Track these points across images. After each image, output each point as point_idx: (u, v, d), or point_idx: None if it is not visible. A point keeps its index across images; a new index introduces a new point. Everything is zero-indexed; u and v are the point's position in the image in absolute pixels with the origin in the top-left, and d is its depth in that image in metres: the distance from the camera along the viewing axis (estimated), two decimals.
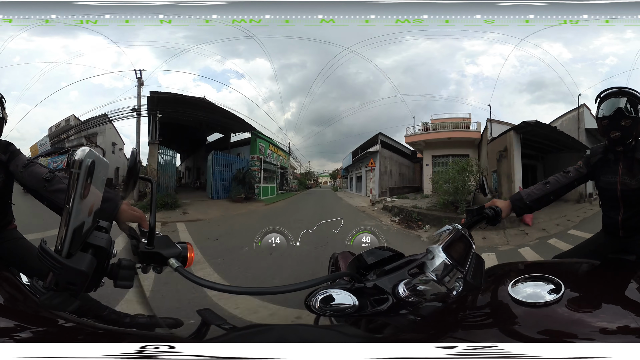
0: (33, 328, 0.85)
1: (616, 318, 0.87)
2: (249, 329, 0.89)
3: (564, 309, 0.87)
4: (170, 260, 0.98)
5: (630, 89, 1.68)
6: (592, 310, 0.90)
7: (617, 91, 1.68)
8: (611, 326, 0.83)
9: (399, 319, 0.95)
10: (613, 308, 0.92)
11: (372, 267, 1.08)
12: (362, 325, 1.01)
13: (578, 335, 0.81)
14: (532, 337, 0.81)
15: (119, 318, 1.18)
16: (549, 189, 1.81)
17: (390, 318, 0.96)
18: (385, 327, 1.01)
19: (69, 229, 0.76)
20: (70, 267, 0.77)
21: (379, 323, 1.01)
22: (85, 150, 0.76)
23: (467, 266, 1.02)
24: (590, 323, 0.86)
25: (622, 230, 1.78)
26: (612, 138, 1.71)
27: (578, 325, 0.85)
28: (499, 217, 1.59)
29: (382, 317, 0.97)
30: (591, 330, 0.82)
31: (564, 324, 0.85)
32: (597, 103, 1.75)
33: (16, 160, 1.62)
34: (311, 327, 0.97)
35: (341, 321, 1.05)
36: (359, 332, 0.97)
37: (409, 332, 0.94)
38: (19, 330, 0.83)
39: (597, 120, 1.76)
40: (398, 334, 0.95)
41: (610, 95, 1.69)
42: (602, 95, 1.73)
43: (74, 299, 0.82)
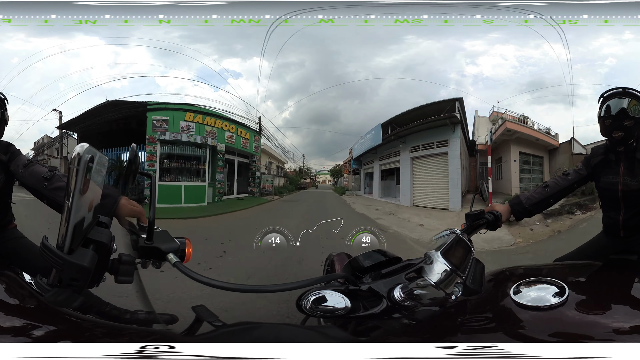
0: (38, 326, 0.85)
1: (626, 318, 0.86)
2: (237, 326, 0.89)
3: (573, 311, 0.86)
4: (169, 256, 0.98)
5: (633, 89, 1.68)
6: (601, 311, 0.89)
7: (620, 91, 1.69)
8: (623, 327, 0.82)
9: (391, 322, 0.94)
10: (622, 308, 0.91)
11: (368, 270, 1.07)
12: (350, 328, 1.00)
13: (593, 336, 0.80)
14: (542, 340, 0.80)
15: (120, 314, 1.18)
16: (548, 192, 1.81)
17: (381, 321, 0.95)
18: (375, 330, 1.00)
19: (69, 225, 0.76)
20: (72, 262, 0.77)
21: (368, 326, 1.00)
22: (84, 146, 0.76)
23: (466, 271, 1.02)
24: (601, 324, 0.85)
25: (622, 231, 1.78)
26: (614, 138, 1.71)
27: (585, 327, 0.84)
28: (499, 221, 1.59)
29: (373, 320, 0.96)
30: (604, 331, 0.81)
31: (574, 325, 0.85)
32: (600, 103, 1.75)
33: (17, 160, 1.64)
34: (295, 327, 0.96)
35: (329, 322, 1.04)
36: (344, 333, 0.96)
37: (400, 335, 0.93)
38: (23, 328, 0.84)
39: (600, 119, 1.76)
40: (387, 336, 0.94)
41: (614, 95, 1.70)
42: (605, 95, 1.73)
43: (77, 295, 0.82)
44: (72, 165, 0.75)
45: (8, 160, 1.66)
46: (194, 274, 0.88)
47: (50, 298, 0.81)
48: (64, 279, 0.80)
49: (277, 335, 0.85)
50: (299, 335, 0.87)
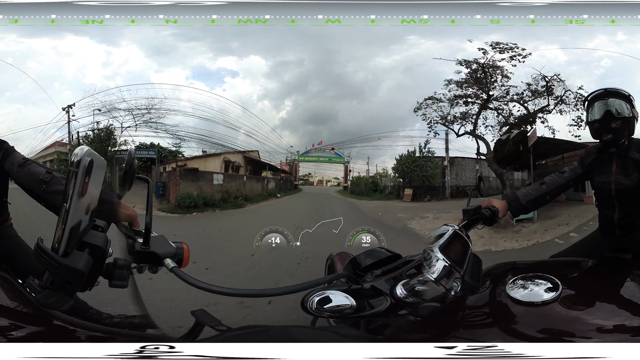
0: (29, 327, 0.85)
1: (613, 316, 0.88)
2: (244, 330, 0.88)
3: (562, 308, 0.88)
4: (166, 261, 0.97)
5: (615, 89, 1.68)
6: (589, 309, 0.92)
7: (602, 93, 1.68)
8: (607, 324, 0.84)
9: (399, 319, 0.95)
10: (610, 307, 0.93)
11: (369, 268, 1.08)
12: (362, 327, 1.01)
13: (576, 333, 0.82)
14: (531, 336, 0.82)
15: (101, 319, 1.18)
16: (544, 189, 1.81)
17: (389, 319, 0.96)
18: (385, 328, 1.01)
19: (66, 228, 0.76)
20: (66, 265, 0.77)
21: (379, 324, 1.01)
22: (84, 149, 0.76)
23: (464, 266, 1.02)
24: (587, 321, 0.87)
25: (618, 230, 1.78)
26: (604, 141, 1.71)
27: (576, 323, 0.87)
28: (496, 217, 1.60)
29: (380, 318, 0.97)
30: (588, 329, 0.83)
31: (562, 322, 0.86)
32: (586, 107, 1.75)
33: (11, 158, 1.57)
34: (308, 329, 0.96)
35: (339, 322, 1.04)
36: (358, 332, 0.97)
37: (410, 333, 0.94)
38: (15, 329, 0.83)
39: (588, 124, 1.75)
40: (399, 334, 0.95)
41: (597, 97, 1.70)
42: (589, 99, 1.73)
43: (69, 298, 0.81)
44: (71, 167, 0.75)
45: (1, 158, 1.58)
46: (192, 279, 0.87)
47: (41, 300, 0.80)
48: (56, 282, 0.79)
49: (290, 337, 0.84)
50: (313, 336, 0.87)
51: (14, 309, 0.94)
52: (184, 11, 4.03)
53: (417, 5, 3.90)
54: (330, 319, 1.07)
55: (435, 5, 3.93)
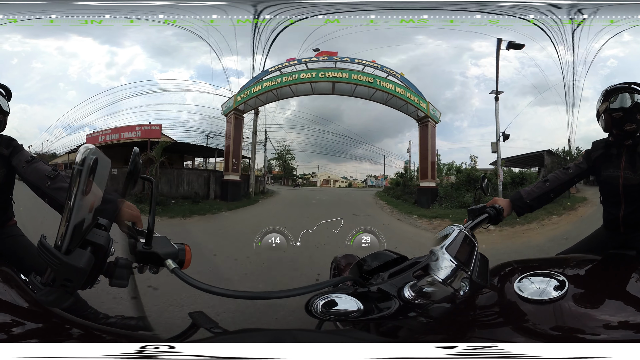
0: (30, 324, 0.85)
1: (618, 313, 0.89)
2: (240, 333, 0.87)
3: (570, 305, 0.89)
4: (167, 261, 0.96)
5: (638, 84, 1.70)
6: (595, 306, 0.93)
7: (627, 86, 1.69)
8: (613, 321, 0.86)
9: (410, 321, 0.94)
10: (615, 303, 0.94)
11: (375, 270, 1.07)
12: (372, 330, 1.00)
13: (585, 330, 0.83)
14: (543, 334, 0.83)
15: (98, 319, 1.17)
16: (548, 186, 1.80)
17: (399, 321, 0.95)
18: (395, 330, 1.00)
19: (69, 225, 0.76)
20: (68, 263, 0.77)
21: (390, 327, 1.00)
22: (89, 147, 0.76)
23: (472, 266, 1.02)
24: (594, 318, 0.88)
25: (623, 227, 1.78)
26: (626, 131, 1.71)
27: (583, 320, 0.87)
28: (501, 216, 1.59)
29: (390, 321, 0.96)
30: (595, 325, 0.84)
31: (570, 319, 0.88)
32: (605, 97, 1.75)
33: (19, 155, 1.62)
34: (308, 331, 0.96)
35: (348, 326, 1.04)
36: (358, 332, 0.96)
37: (423, 334, 0.94)
38: (16, 325, 0.84)
39: (606, 113, 1.75)
40: (414, 336, 0.95)
41: (622, 89, 1.70)
42: (610, 90, 1.73)
43: (69, 296, 0.81)
44: (76, 165, 0.75)
45: (10, 155, 1.64)
46: (193, 280, 0.86)
47: (41, 297, 0.80)
48: (57, 279, 0.79)
49: (288, 338, 0.83)
50: (313, 337, 0.86)
51: (16, 305, 0.94)
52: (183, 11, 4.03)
53: (417, 5, 3.90)
54: (337, 323, 1.06)
55: (435, 5, 3.94)
